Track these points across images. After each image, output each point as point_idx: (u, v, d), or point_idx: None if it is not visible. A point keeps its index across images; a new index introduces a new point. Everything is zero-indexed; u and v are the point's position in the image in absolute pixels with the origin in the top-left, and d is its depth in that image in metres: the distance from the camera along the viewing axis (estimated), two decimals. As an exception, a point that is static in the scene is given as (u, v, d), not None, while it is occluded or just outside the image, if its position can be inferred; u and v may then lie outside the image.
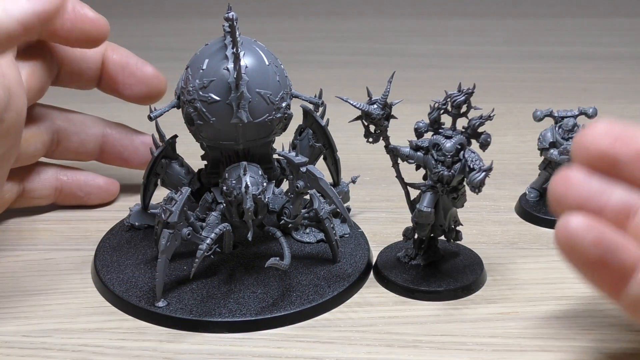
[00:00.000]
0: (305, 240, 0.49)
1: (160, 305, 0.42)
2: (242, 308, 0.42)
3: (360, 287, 0.46)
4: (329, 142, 0.50)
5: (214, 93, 0.42)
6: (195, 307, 0.42)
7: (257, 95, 0.43)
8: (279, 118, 0.44)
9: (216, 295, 0.43)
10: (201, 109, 0.43)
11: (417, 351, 0.40)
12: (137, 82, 0.53)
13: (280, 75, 0.44)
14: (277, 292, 0.44)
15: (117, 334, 0.41)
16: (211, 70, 0.43)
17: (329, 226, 0.46)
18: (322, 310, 0.43)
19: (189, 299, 0.43)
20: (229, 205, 0.43)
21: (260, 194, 0.43)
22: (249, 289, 0.44)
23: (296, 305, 0.43)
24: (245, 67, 0.42)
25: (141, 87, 0.53)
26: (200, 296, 0.43)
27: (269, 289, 0.44)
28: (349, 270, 0.46)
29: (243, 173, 0.42)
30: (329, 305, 0.43)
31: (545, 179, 0.54)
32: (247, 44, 0.44)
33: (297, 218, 0.45)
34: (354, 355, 0.40)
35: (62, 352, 0.40)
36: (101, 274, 0.46)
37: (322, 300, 0.43)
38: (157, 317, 0.42)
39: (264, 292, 0.44)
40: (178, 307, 0.42)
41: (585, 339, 0.41)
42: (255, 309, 0.42)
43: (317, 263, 0.47)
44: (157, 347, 0.40)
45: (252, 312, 0.42)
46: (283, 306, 0.43)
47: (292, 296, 0.43)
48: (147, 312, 0.42)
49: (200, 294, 0.44)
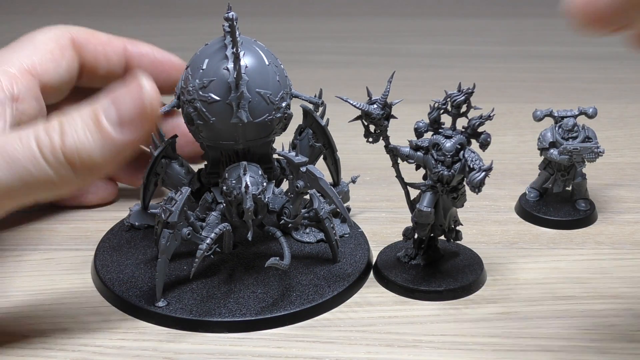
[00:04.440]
0: (305, 240, 0.49)
1: (160, 305, 0.42)
2: (242, 308, 0.42)
3: (360, 287, 0.46)
4: (329, 142, 0.50)
5: (214, 93, 0.42)
6: (195, 307, 0.42)
7: (257, 95, 0.43)
8: (279, 118, 0.44)
9: (216, 295, 0.43)
10: (201, 109, 0.43)
11: (417, 351, 0.40)
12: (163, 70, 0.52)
13: (280, 75, 0.44)
14: (277, 292, 0.44)
15: (117, 334, 0.41)
16: (211, 70, 0.43)
17: (329, 226, 0.46)
18: (322, 310, 0.43)
19: (189, 298, 0.43)
20: (229, 205, 0.43)
21: (260, 194, 0.43)
22: (249, 289, 0.44)
23: (296, 305, 0.43)
24: (245, 67, 0.42)
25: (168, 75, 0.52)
26: (200, 296, 0.43)
27: (269, 289, 0.44)
28: (349, 270, 0.46)
29: (243, 173, 0.42)
30: (329, 305, 0.43)
31: (545, 179, 0.54)
32: (247, 43, 0.44)
33: (297, 218, 0.45)
34: (354, 355, 0.40)
35: (62, 352, 0.40)
36: (101, 274, 0.46)
37: (322, 300, 0.43)
38: (157, 317, 0.42)
39: (264, 292, 0.44)
40: (178, 307, 0.42)
41: (585, 339, 0.41)
42: (255, 308, 0.42)
43: (317, 263, 0.47)
44: (157, 347, 0.40)
45: (252, 312, 0.42)
46: (283, 306, 0.43)
47: (292, 296, 0.43)
48: (147, 312, 0.42)
49: (200, 294, 0.44)
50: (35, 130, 0.37)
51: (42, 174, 0.37)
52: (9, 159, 0.36)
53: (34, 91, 0.44)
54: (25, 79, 0.43)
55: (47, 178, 0.37)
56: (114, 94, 0.38)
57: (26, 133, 0.37)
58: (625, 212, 0.55)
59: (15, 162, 0.36)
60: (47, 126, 0.37)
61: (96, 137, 0.37)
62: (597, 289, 0.45)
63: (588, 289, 0.46)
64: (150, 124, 0.37)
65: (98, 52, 0.48)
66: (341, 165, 0.52)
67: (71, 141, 0.37)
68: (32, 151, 0.36)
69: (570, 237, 0.52)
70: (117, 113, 0.37)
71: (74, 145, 0.37)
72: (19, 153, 0.36)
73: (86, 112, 0.37)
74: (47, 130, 0.37)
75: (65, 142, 0.37)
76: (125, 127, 0.37)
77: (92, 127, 0.37)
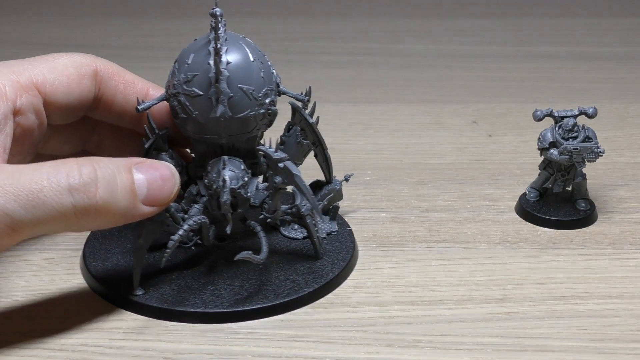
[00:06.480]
0: (292, 236, 0.50)
1: (138, 294, 0.43)
2: (215, 300, 0.43)
3: (339, 285, 0.46)
4: (318, 140, 0.50)
5: (197, 87, 0.43)
6: (171, 297, 0.43)
7: (240, 90, 0.43)
8: (262, 114, 0.44)
9: (193, 286, 0.44)
10: (185, 103, 0.43)
11: (417, 351, 0.40)
12: None
13: (265, 72, 0.44)
14: (254, 285, 0.44)
15: (117, 334, 0.41)
16: (196, 64, 0.43)
17: (311, 223, 0.46)
18: (296, 305, 0.44)
19: (167, 288, 0.44)
20: (211, 198, 0.44)
21: (239, 188, 0.43)
22: (227, 282, 0.45)
23: (270, 300, 0.43)
24: (227, 62, 0.43)
25: None
26: (178, 286, 0.44)
27: (246, 283, 0.45)
28: (329, 267, 0.46)
29: (222, 167, 0.43)
30: (304, 301, 0.44)
31: (545, 179, 0.54)
32: (234, 40, 0.44)
33: (275, 213, 0.46)
34: (354, 355, 0.40)
35: (62, 352, 0.40)
36: (87, 261, 0.47)
37: (296, 295, 0.44)
38: (133, 305, 0.43)
39: (241, 285, 0.44)
40: (154, 295, 0.43)
41: (586, 339, 0.41)
42: (229, 301, 0.43)
43: (299, 259, 0.47)
44: (157, 347, 0.40)
45: (225, 305, 0.43)
46: (257, 300, 0.43)
47: (267, 290, 0.44)
48: (125, 299, 0.43)
49: (178, 284, 0.44)
50: (68, 174, 0.38)
51: (64, 220, 0.38)
52: (34, 199, 0.37)
53: (36, 105, 0.44)
54: (30, 93, 0.44)
55: (66, 225, 0.38)
56: (151, 172, 0.41)
57: (56, 176, 0.38)
58: (625, 212, 0.55)
59: (40, 204, 0.37)
60: (83, 178, 0.38)
61: (128, 202, 0.40)
62: (597, 289, 0.46)
63: (588, 289, 0.46)
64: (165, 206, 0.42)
65: (118, 91, 0.48)
66: (341, 165, 0.52)
67: (105, 198, 0.39)
68: (64, 199, 0.38)
69: (570, 237, 0.52)
70: (147, 192, 0.41)
71: (106, 204, 0.39)
72: (48, 196, 0.37)
73: (124, 175, 0.40)
74: (83, 181, 0.38)
75: (99, 197, 0.39)
76: (149, 206, 0.41)
77: (128, 194, 0.40)
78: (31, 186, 0.37)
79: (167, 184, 0.42)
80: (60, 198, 0.38)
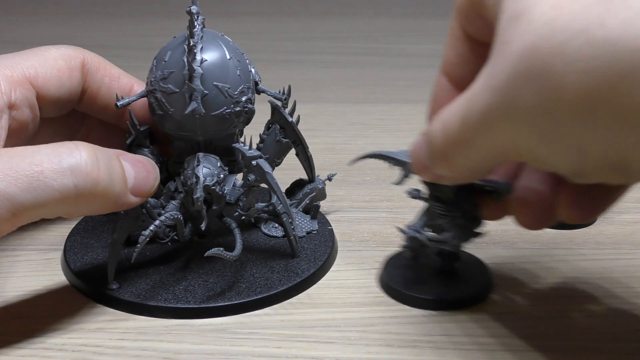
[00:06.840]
0: (272, 234, 0.50)
1: (113, 288, 0.44)
2: (188, 295, 0.43)
3: (313, 284, 0.46)
4: (299, 139, 0.50)
5: (173, 84, 0.43)
6: (144, 292, 0.43)
7: (215, 88, 0.43)
8: (238, 112, 0.44)
9: (168, 281, 0.45)
10: (161, 99, 0.44)
11: (417, 351, 0.40)
12: None
13: (242, 70, 0.44)
14: (228, 282, 0.45)
15: (116, 334, 0.41)
16: (172, 62, 0.43)
17: (287, 221, 0.47)
18: (268, 303, 0.44)
19: (141, 283, 0.44)
20: (186, 194, 0.44)
21: (214, 185, 0.44)
22: (202, 278, 0.45)
23: (242, 297, 0.43)
24: (202, 60, 0.43)
25: None
26: (152, 281, 0.44)
27: (221, 279, 0.45)
28: (305, 266, 0.46)
29: (197, 164, 0.44)
30: (277, 298, 0.44)
31: (545, 179, 0.54)
32: (211, 38, 0.44)
33: (250, 211, 0.46)
34: (354, 355, 0.40)
35: (62, 352, 0.40)
36: (67, 254, 0.47)
37: (269, 293, 0.44)
38: (106, 299, 0.43)
39: (215, 282, 0.45)
40: (128, 290, 0.44)
41: (585, 339, 0.41)
42: (201, 297, 0.43)
43: (276, 257, 0.47)
44: (156, 347, 0.40)
45: (197, 300, 0.43)
46: (229, 296, 0.43)
47: (240, 287, 0.44)
48: (98, 293, 0.44)
49: (153, 279, 0.45)
50: (69, 155, 0.38)
51: (64, 202, 0.38)
52: (35, 181, 0.37)
53: (30, 99, 0.44)
54: (24, 87, 0.44)
55: (65, 207, 0.38)
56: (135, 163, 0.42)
57: (57, 157, 0.38)
58: (625, 212, 0.55)
59: (42, 185, 0.37)
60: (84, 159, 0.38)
61: (121, 188, 0.40)
62: (597, 289, 0.46)
63: (588, 289, 0.46)
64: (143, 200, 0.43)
65: (103, 84, 0.48)
66: (341, 165, 0.52)
67: (107, 180, 0.39)
68: (66, 180, 0.38)
69: (570, 237, 0.52)
70: (134, 182, 0.41)
71: (106, 188, 0.39)
72: (49, 177, 0.37)
73: (116, 162, 0.40)
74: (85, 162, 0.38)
75: (101, 179, 0.39)
76: (135, 196, 0.42)
77: (122, 179, 0.40)
78: (32, 168, 0.37)
79: (151, 175, 0.42)
80: (63, 179, 0.37)
